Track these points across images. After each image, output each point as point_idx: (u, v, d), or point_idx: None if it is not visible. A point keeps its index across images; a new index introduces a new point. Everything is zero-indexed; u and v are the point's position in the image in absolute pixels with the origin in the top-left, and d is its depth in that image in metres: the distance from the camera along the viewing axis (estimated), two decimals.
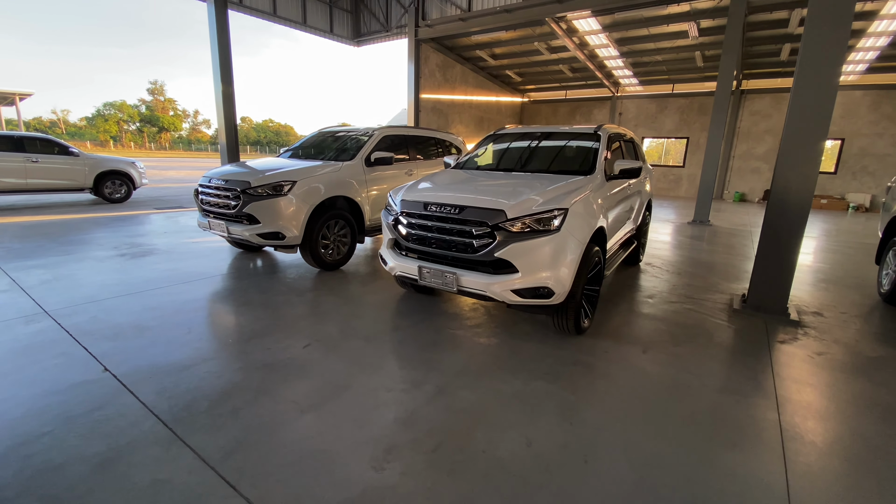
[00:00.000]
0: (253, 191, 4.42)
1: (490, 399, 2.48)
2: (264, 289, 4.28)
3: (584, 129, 4.31)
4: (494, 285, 2.92)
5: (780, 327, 3.77)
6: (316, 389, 2.52)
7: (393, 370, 2.78)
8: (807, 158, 3.68)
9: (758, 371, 2.96)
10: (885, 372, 3.03)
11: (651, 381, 2.76)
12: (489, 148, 4.61)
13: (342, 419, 2.24)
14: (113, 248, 5.64)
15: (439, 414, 2.32)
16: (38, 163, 9.49)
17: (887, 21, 10.38)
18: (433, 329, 3.44)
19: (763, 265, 3.98)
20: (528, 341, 3.28)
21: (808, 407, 2.55)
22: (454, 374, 2.75)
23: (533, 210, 2.91)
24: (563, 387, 2.64)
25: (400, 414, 2.30)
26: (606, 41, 13.53)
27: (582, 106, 19.88)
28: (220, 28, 8.80)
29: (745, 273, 5.64)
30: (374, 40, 15.36)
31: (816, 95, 3.60)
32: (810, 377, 2.92)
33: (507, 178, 3.66)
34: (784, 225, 3.82)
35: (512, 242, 2.87)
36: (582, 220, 3.07)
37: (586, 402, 2.49)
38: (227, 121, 9.20)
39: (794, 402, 2.60)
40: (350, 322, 3.53)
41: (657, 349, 3.23)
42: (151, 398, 2.39)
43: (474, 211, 2.99)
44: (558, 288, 2.92)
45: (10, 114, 36.16)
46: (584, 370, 2.87)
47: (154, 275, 4.58)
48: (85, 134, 73.10)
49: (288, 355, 2.91)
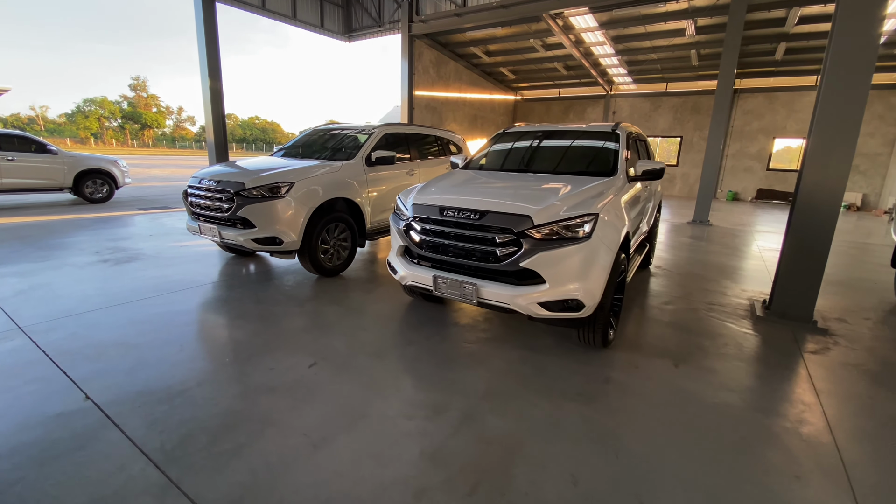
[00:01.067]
0: (248, 193, 4.11)
1: (522, 426, 2.24)
2: (260, 298, 3.98)
3: (601, 128, 4.09)
4: (519, 298, 2.68)
5: (809, 336, 3.60)
6: (328, 418, 2.25)
7: (410, 393, 2.52)
8: (837, 161, 3.52)
9: (798, 387, 2.78)
10: None
11: (690, 401, 2.55)
12: (500, 147, 4.37)
13: (361, 455, 1.98)
14: (94, 254, 5.27)
15: (470, 446, 2.07)
16: (14, 161, 8.99)
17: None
18: (448, 343, 3.20)
19: (789, 271, 3.81)
20: (551, 355, 3.05)
21: (862, 429, 2.36)
22: (479, 396, 2.50)
23: (561, 216, 2.68)
24: (598, 410, 2.42)
25: (426, 447, 2.05)
26: (602, 38, 13.38)
27: (575, 104, 19.76)
28: (208, 22, 8.40)
29: (756, 275, 5.51)
30: (366, 35, 14.99)
31: (847, 96, 3.43)
32: (854, 393, 2.74)
33: (525, 181, 3.42)
34: (812, 230, 3.65)
35: (539, 251, 2.63)
36: (612, 225, 2.84)
37: (627, 428, 2.27)
38: (216, 117, 8.81)
39: (845, 423, 2.41)
40: (357, 336, 3.26)
41: (688, 363, 3.03)
42: (141, 433, 2.10)
43: (497, 216, 2.74)
44: (589, 300, 2.69)
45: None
46: (617, 389, 2.65)
47: (140, 283, 4.25)
48: (64, 131, 70.98)
49: (293, 377, 2.64)
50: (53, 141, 58.60)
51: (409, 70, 13.68)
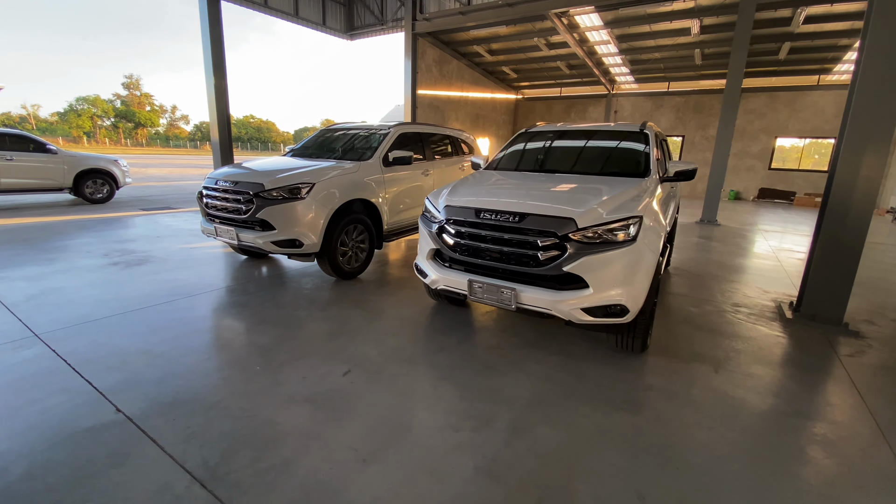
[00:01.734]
0: (267, 194, 4.00)
1: (575, 438, 2.16)
2: (280, 303, 3.88)
3: (629, 128, 4.02)
4: (562, 303, 2.61)
5: (842, 339, 3.56)
6: (372, 430, 2.16)
7: (453, 402, 2.44)
8: (870, 160, 3.47)
9: (843, 392, 2.72)
10: None
11: (739, 409, 2.48)
12: (523, 147, 4.29)
13: (414, 470, 1.90)
14: (103, 256, 5.14)
15: (525, 460, 1.99)
16: (12, 161, 8.81)
17: None
18: (480, 349, 3.11)
19: (820, 273, 3.76)
20: (588, 361, 2.98)
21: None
22: (523, 405, 2.43)
23: (605, 218, 2.60)
24: (648, 419, 2.35)
25: (479, 461, 1.97)
26: (607, 37, 13.34)
27: (577, 103, 19.72)
28: (213, 19, 8.27)
29: (775, 276, 5.47)
30: (369, 34, 14.86)
31: (882, 92, 3.38)
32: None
33: (556, 182, 3.34)
34: (844, 231, 3.60)
35: (584, 255, 2.55)
36: (653, 228, 2.77)
37: (681, 438, 2.20)
38: (221, 116, 8.67)
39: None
40: (387, 341, 3.17)
41: (727, 368, 2.97)
42: (180, 448, 2.00)
43: (537, 219, 2.66)
44: (633, 305, 2.62)
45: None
46: (663, 397, 2.58)
47: (154, 287, 4.13)
48: (57, 129, 70.08)
49: (328, 385, 2.55)
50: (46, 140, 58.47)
51: (412, 68, 13.58)
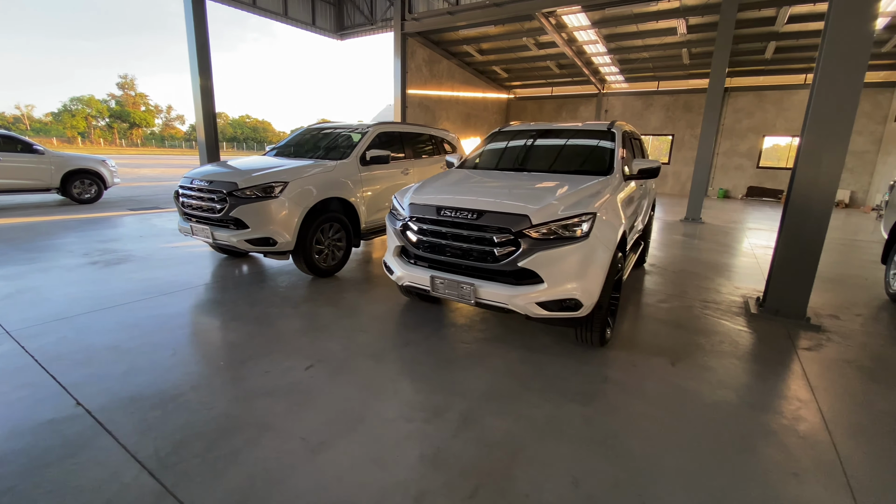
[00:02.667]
0: (241, 193, 4.05)
1: (523, 428, 2.23)
2: (255, 300, 3.93)
3: (597, 126, 4.09)
4: (517, 298, 2.67)
5: (802, 332, 3.64)
6: (326, 422, 2.22)
7: (409, 395, 2.50)
8: (830, 158, 3.54)
9: (794, 384, 2.80)
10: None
11: (689, 400, 2.56)
12: (495, 146, 4.35)
13: (361, 459, 1.96)
14: (83, 255, 5.18)
15: (470, 449, 2.05)
16: (0, 162, 8.82)
17: None
18: (446, 343, 3.18)
19: (782, 269, 3.84)
20: (549, 355, 3.05)
21: (858, 425, 2.38)
22: (478, 397, 2.49)
23: (559, 215, 2.67)
24: (598, 409, 2.41)
25: (426, 450, 2.03)
26: (595, 37, 13.42)
27: (568, 103, 19.81)
28: (198, 19, 8.28)
29: (749, 273, 5.55)
30: (359, 34, 14.89)
31: (841, 92, 3.46)
32: (848, 389, 2.76)
33: (521, 180, 3.41)
34: (805, 228, 3.68)
35: (538, 251, 2.62)
36: (609, 224, 2.84)
37: (627, 428, 2.26)
38: (206, 116, 8.70)
39: (841, 419, 2.43)
40: (354, 337, 3.23)
41: (685, 361, 3.04)
42: (134, 439, 2.06)
43: (494, 216, 2.73)
44: (587, 299, 2.69)
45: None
46: (617, 388, 2.65)
47: (131, 286, 4.17)
48: (51, 130, 69.74)
49: (289, 380, 2.60)
50: (40, 140, 57.74)
51: (401, 68, 13.62)
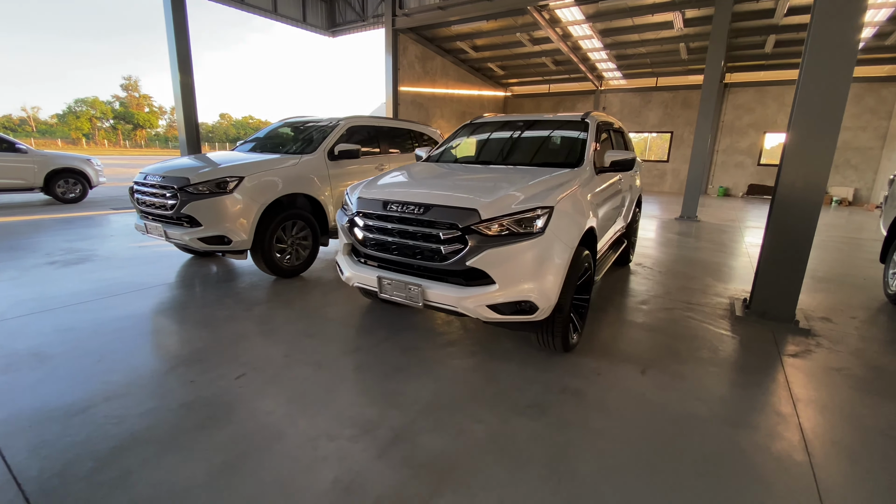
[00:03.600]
0: (193, 188, 3.84)
1: (460, 446, 1.99)
2: (208, 301, 3.71)
3: (571, 117, 3.84)
4: (467, 300, 2.43)
5: (790, 337, 3.37)
6: (240, 439, 1.99)
7: (343, 407, 2.26)
8: (818, 154, 3.28)
9: (774, 395, 2.54)
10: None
11: (654, 413, 2.30)
12: (465, 139, 4.11)
13: (265, 485, 1.73)
14: (45, 255, 4.98)
15: (393, 472, 1.81)
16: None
17: (873, 10, 10.18)
18: (400, 349, 2.94)
19: (769, 268, 3.58)
20: (509, 362, 2.80)
21: (841, 445, 2.12)
22: (419, 410, 2.25)
23: (512, 209, 2.43)
24: (549, 424, 2.17)
25: (342, 474, 1.79)
26: (590, 32, 13.14)
27: (565, 100, 19.51)
28: (177, 13, 8.10)
29: (741, 273, 5.28)
30: (351, 30, 14.69)
31: (829, 85, 3.20)
32: (834, 402, 2.50)
33: (485, 172, 3.17)
34: (793, 225, 3.42)
35: (487, 248, 2.38)
36: (569, 219, 2.59)
37: (579, 446, 2.02)
38: (187, 113, 8.51)
39: (824, 438, 2.17)
40: (301, 343, 3.00)
41: (657, 368, 2.79)
42: (22, 457, 1.84)
43: (442, 210, 2.49)
44: (543, 302, 2.44)
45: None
46: (575, 399, 2.40)
47: (82, 287, 3.97)
48: (56, 131, 70.12)
49: (214, 390, 2.38)
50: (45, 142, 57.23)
51: (393, 65, 13.41)
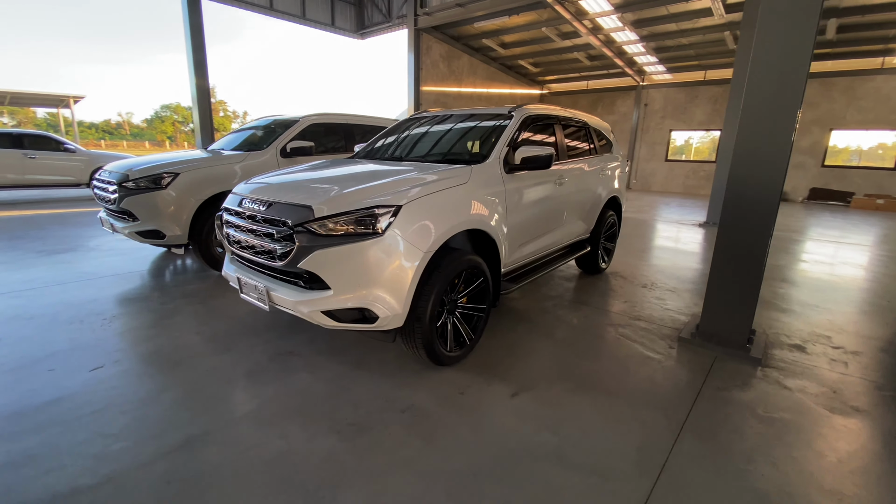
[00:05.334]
0: (132, 184, 3.98)
1: (239, 463, 1.83)
2: (123, 295, 3.82)
3: (498, 111, 3.52)
4: (302, 304, 2.26)
5: (731, 366, 2.85)
6: None
7: (149, 412, 2.18)
8: (770, 143, 2.76)
9: (652, 441, 2.12)
10: (858, 471, 2.09)
11: (489, 444, 2.00)
12: (393, 134, 3.92)
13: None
14: (29, 246, 5.42)
15: (138, 484, 1.69)
16: (35, 159, 9.73)
17: None
18: (272, 353, 2.81)
19: (717, 283, 3.06)
20: (374, 373, 2.59)
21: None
22: (230, 419, 2.12)
23: (349, 207, 2.22)
24: (355, 448, 1.95)
25: (89, 478, 1.70)
26: (621, 23, 12.30)
27: (604, 97, 18.50)
28: (193, 20, 8.59)
29: None
30: (378, 32, 14.89)
31: (780, 65, 2.66)
32: (719, 464, 2.04)
33: (377, 168, 2.96)
34: (742, 230, 2.89)
35: (317, 249, 2.19)
36: (426, 220, 2.34)
37: (376, 480, 1.78)
38: (202, 112, 9.00)
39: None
40: (181, 338, 2.97)
41: (534, 393, 2.45)
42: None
43: (281, 208, 2.34)
44: (385, 311, 2.22)
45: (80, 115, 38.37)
46: (411, 422, 2.15)
47: (33, 276, 4.24)
48: (145, 134, 78.16)
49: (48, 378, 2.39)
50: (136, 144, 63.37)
51: (415, 64, 13.40)
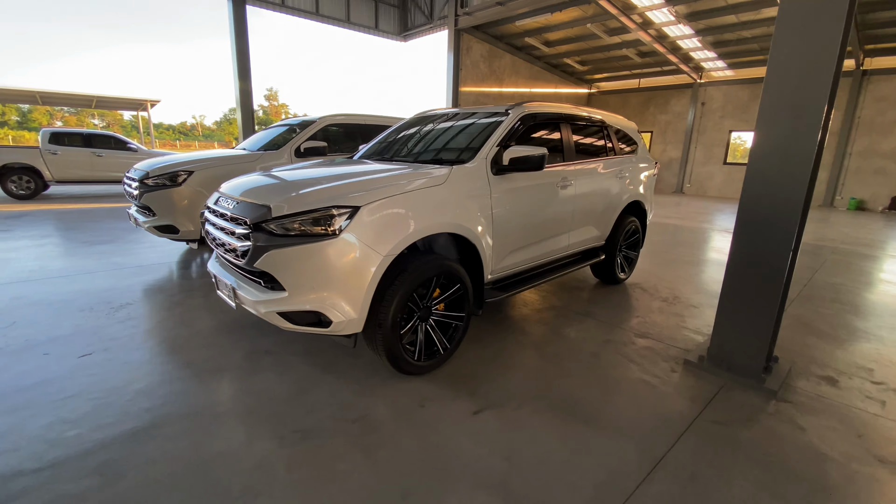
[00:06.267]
0: (151, 181, 4.21)
1: (161, 465, 1.82)
2: (147, 285, 4.03)
3: (496, 109, 3.35)
4: (260, 304, 2.25)
5: (739, 397, 2.50)
6: None
7: (120, 397, 2.24)
8: (795, 146, 2.40)
9: (624, 476, 1.88)
10: None
11: (430, 467, 1.86)
12: (396, 134, 3.85)
13: None
14: (84, 237, 5.91)
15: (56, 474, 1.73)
16: (102, 157, 10.71)
17: None
18: (248, 351, 2.83)
19: (729, 301, 2.71)
20: (340, 377, 2.53)
21: None
22: (175, 415, 2.13)
23: (305, 207, 2.17)
24: (290, 455, 1.88)
25: None
26: (673, 17, 11.53)
27: (657, 96, 17.48)
28: (238, 29, 9.05)
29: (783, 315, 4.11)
30: (420, 34, 15.01)
31: (808, 62, 2.31)
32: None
33: (361, 168, 2.90)
34: (761, 244, 2.54)
35: (271, 249, 2.16)
36: (387, 222, 2.24)
37: (290, 485, 1.71)
38: (245, 113, 9.45)
39: None
40: (174, 330, 3.08)
41: (500, 412, 2.27)
42: None
43: (245, 206, 2.34)
44: (338, 315, 2.15)
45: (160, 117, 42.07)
46: (358, 433, 2.06)
47: (70, 264, 4.60)
48: (215, 136, 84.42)
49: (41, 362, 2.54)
50: (206, 144, 68.71)
51: (454, 64, 13.34)
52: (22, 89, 19.60)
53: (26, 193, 9.58)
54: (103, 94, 23.21)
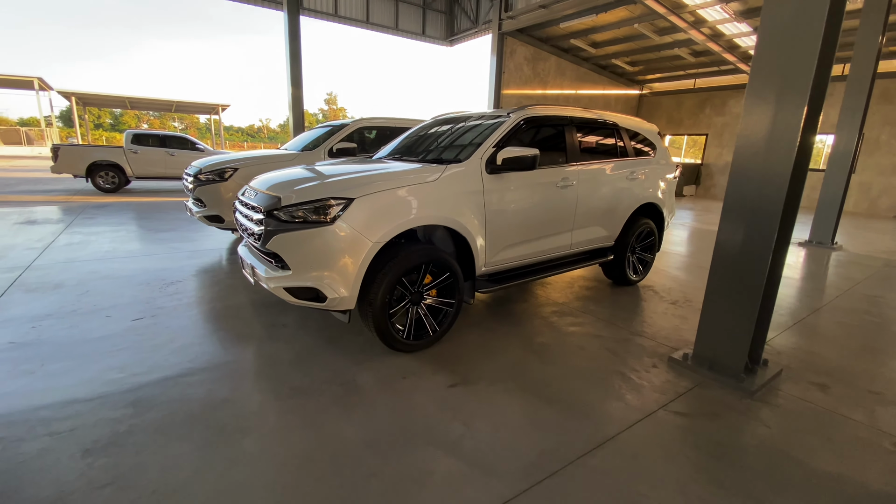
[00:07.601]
0: (203, 176, 4.81)
1: (184, 405, 2.23)
2: (191, 269, 4.61)
3: (499, 112, 3.56)
4: (270, 280, 2.63)
5: (712, 394, 2.55)
6: None
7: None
8: (779, 136, 2.42)
9: (568, 448, 2.05)
10: None
11: (395, 425, 2.13)
12: (412, 136, 4.16)
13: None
14: (152, 225, 6.76)
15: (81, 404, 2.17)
16: (174, 156, 11.97)
17: None
18: (271, 321, 3.26)
19: (713, 304, 2.75)
20: (339, 350, 2.87)
21: None
22: (195, 367, 2.56)
23: (310, 198, 2.52)
24: (279, 407, 2.23)
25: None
26: (727, 15, 11.00)
27: (713, 97, 16.59)
28: (292, 36, 9.81)
29: (782, 319, 3.98)
30: (465, 38, 15.33)
31: (792, 41, 2.33)
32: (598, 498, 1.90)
33: (370, 167, 3.23)
34: (742, 238, 2.58)
35: (280, 233, 2.54)
36: (378, 213, 2.54)
37: (283, 430, 2.06)
38: (296, 118, 10.21)
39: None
40: (183, 313, 3.57)
41: (473, 387, 2.49)
42: None
43: (263, 197, 2.74)
44: (332, 291, 2.48)
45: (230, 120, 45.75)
46: (344, 393, 2.38)
47: (137, 247, 5.33)
48: (278, 137, 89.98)
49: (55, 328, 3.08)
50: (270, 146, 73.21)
51: (497, 68, 13.51)
52: (114, 95, 22.15)
53: (111, 187, 10.94)
54: (181, 100, 25.64)
